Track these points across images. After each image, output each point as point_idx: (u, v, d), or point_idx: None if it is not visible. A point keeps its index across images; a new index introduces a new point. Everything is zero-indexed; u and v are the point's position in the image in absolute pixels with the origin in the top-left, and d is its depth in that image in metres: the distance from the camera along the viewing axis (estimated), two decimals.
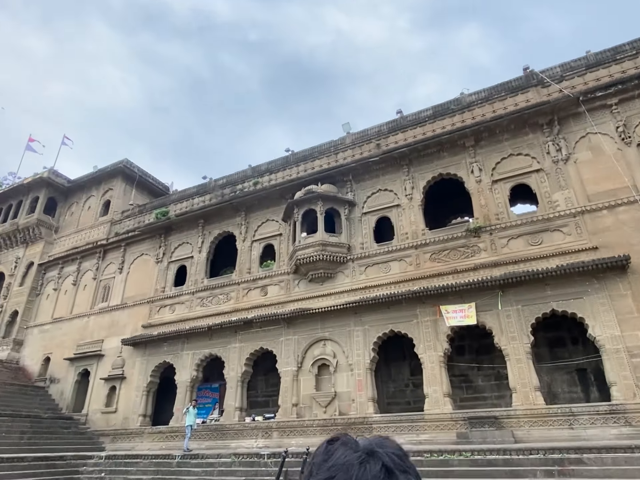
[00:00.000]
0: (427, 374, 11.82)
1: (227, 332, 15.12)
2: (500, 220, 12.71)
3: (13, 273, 22.40)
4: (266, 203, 17.03)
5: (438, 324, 12.07)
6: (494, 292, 11.58)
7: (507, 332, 11.25)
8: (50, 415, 16.16)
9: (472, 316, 11.62)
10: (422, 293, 12.10)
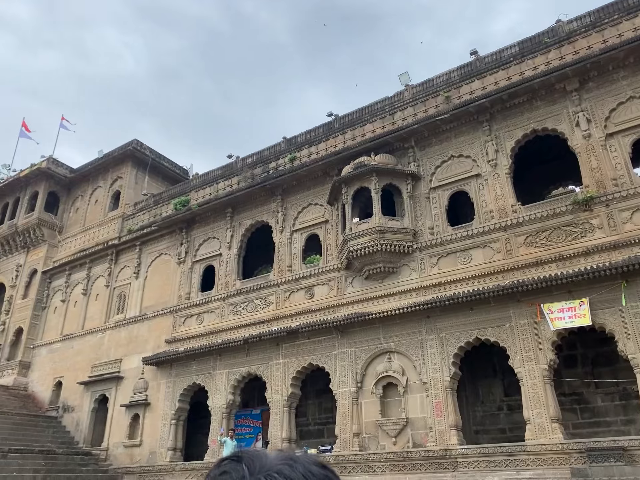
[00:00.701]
0: (527, 393, 11.39)
1: (267, 345, 15.34)
2: (620, 187, 11.94)
3: (14, 283, 23.91)
4: (307, 183, 17.03)
5: (539, 328, 11.58)
6: (615, 283, 10.94)
7: (635, 336, 10.59)
8: (66, 451, 17.16)
9: (585, 316, 11.05)
10: (517, 288, 11.64)
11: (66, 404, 19.87)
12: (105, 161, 23.95)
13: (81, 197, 24.80)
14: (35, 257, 24.02)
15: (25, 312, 22.90)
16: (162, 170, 24.43)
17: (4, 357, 22.56)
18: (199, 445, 18.10)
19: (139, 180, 23.48)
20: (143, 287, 20.02)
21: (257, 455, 0.78)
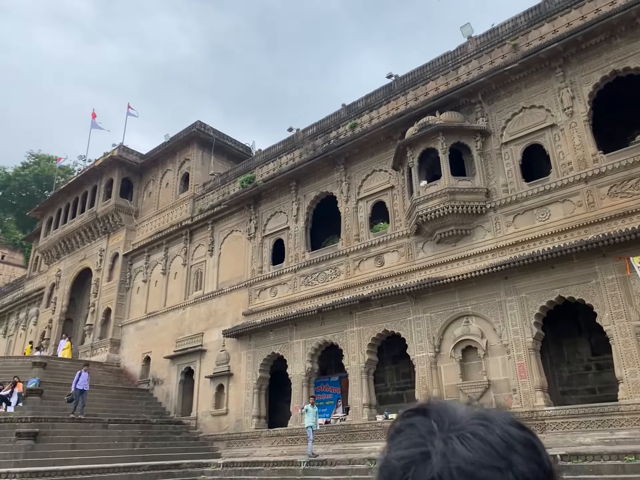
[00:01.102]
0: (618, 351, 10.79)
1: (340, 313, 15.42)
2: None
3: (99, 267, 25.36)
4: (369, 150, 16.70)
5: (629, 283, 10.87)
6: None
7: None
8: (159, 420, 18.23)
9: None
10: (602, 243, 10.93)
11: (155, 377, 21.05)
12: (171, 145, 24.60)
13: (152, 181, 25.70)
14: (116, 242, 25.30)
15: (111, 293, 24.28)
16: (226, 149, 24.80)
17: (96, 336, 24.14)
18: (281, 412, 18.68)
19: (205, 160, 23.98)
20: (218, 264, 20.62)
21: (446, 409, 0.67)
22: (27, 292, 31.98)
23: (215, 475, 14.24)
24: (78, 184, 27.71)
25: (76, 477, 12.41)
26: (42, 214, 31.57)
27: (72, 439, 14.80)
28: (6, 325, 33.10)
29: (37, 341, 27.44)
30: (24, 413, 15.24)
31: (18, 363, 20.12)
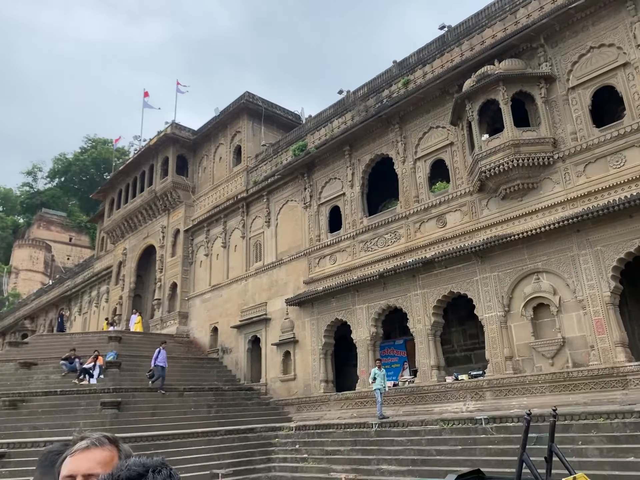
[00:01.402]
0: None
1: (403, 277, 15.22)
2: None
3: (163, 244, 26.16)
4: (425, 106, 16.10)
5: None
6: None
7: None
8: (231, 387, 18.87)
9: None
10: None
11: (224, 346, 21.73)
12: (222, 118, 24.70)
13: (206, 156, 26.01)
14: (176, 218, 25.95)
15: (176, 268, 25.06)
16: (275, 118, 24.66)
17: (164, 309, 25.11)
18: (347, 376, 18.89)
19: (256, 131, 23.95)
20: (275, 235, 20.77)
21: None
22: (96, 272, 33.57)
23: (289, 438, 14.64)
24: (135, 164, 28.46)
25: (159, 442, 13.09)
26: (104, 196, 32.80)
27: (152, 407, 15.57)
28: (80, 304, 35.00)
29: (110, 317, 28.87)
30: (106, 384, 16.14)
31: (95, 338, 21.22)
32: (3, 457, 11.72)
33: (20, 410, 14.67)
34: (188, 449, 13.22)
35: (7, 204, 73.74)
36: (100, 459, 1.48)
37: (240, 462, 13.21)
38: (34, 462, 7.47)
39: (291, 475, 12.70)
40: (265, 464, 13.52)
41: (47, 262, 61.15)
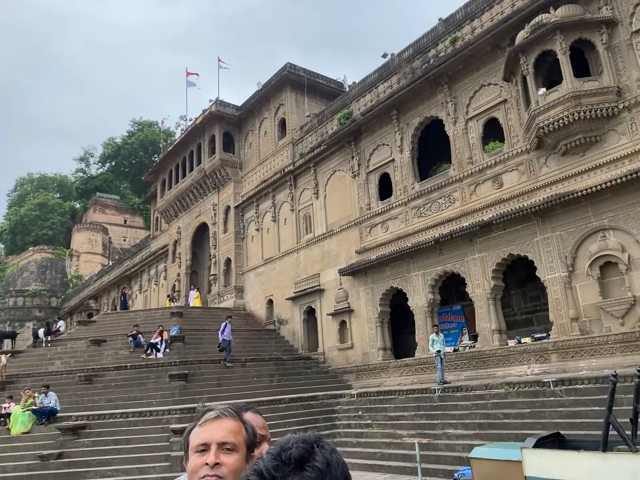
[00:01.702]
0: None
1: (459, 242, 14.90)
2: None
3: (215, 221, 26.63)
4: (475, 64, 15.43)
5: None
6: None
7: None
8: (290, 357, 19.25)
9: None
10: None
11: (280, 318, 22.11)
12: (265, 92, 24.57)
13: (251, 132, 26.06)
14: (226, 195, 26.29)
15: (229, 244, 25.52)
16: (318, 88, 24.31)
17: (220, 284, 25.72)
18: (404, 343, 18.88)
19: (299, 103, 23.73)
20: (324, 206, 20.72)
21: None
22: (153, 251, 34.67)
23: (351, 405, 14.83)
24: (183, 144, 28.89)
25: None
26: (155, 177, 33.59)
27: (216, 378, 16.09)
28: (140, 282, 36.36)
29: (170, 293, 29.88)
30: (172, 358, 16.77)
31: (158, 314, 22.03)
32: (85, 429, 12.43)
33: (95, 385, 15.49)
34: None
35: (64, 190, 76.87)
36: (231, 428, 1.48)
37: (306, 428, 13.44)
38: (113, 433, 7.91)
39: (356, 440, 12.90)
40: (329, 430, 13.77)
41: (105, 244, 63.61)
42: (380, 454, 11.60)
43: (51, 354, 18.67)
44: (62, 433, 12.17)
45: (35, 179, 77.74)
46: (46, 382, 14.29)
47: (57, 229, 65.69)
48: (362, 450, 12.28)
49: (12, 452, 12.10)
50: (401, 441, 10.46)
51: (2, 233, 69.33)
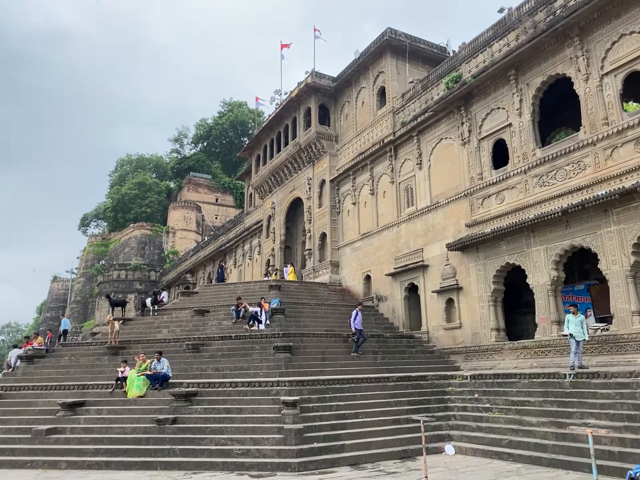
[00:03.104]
0: None
1: (591, 213, 13.26)
2: None
3: (310, 195, 26.22)
4: (614, 10, 13.51)
5: None
6: None
7: None
8: (392, 334, 18.49)
9: None
10: None
11: (379, 294, 21.37)
12: (363, 60, 23.54)
13: (347, 103, 25.20)
14: (321, 169, 25.74)
15: (324, 218, 25.03)
16: (420, 53, 22.91)
17: (315, 259, 25.37)
18: (517, 324, 17.53)
19: (400, 70, 22.49)
20: (429, 177, 19.53)
21: None
22: (247, 227, 35.10)
23: (464, 387, 13.82)
24: (278, 118, 28.63)
25: (335, 387, 13.04)
26: (250, 153, 33.79)
27: (320, 352, 15.67)
28: (235, 257, 37.07)
29: (265, 268, 30.10)
30: (274, 330, 16.56)
31: (257, 287, 22.09)
32: (196, 396, 12.43)
33: (202, 354, 15.60)
34: (364, 394, 13.02)
35: (160, 170, 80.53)
36: None
37: (418, 409, 12.68)
38: (224, 401, 7.49)
39: (475, 424, 11.91)
40: (443, 412, 12.87)
41: (199, 221, 65.99)
42: (508, 441, 10.56)
43: (158, 323, 19.20)
44: (176, 399, 12.23)
45: (134, 159, 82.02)
46: (157, 349, 14.52)
47: (154, 207, 69.02)
48: (484, 435, 11.29)
49: (129, 414, 12.37)
50: (568, 431, 9.33)
51: (106, 211, 73.96)
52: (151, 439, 11.24)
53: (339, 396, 12.70)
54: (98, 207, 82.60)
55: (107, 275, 57.36)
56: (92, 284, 65.09)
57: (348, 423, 11.66)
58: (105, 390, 13.57)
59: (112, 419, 12.31)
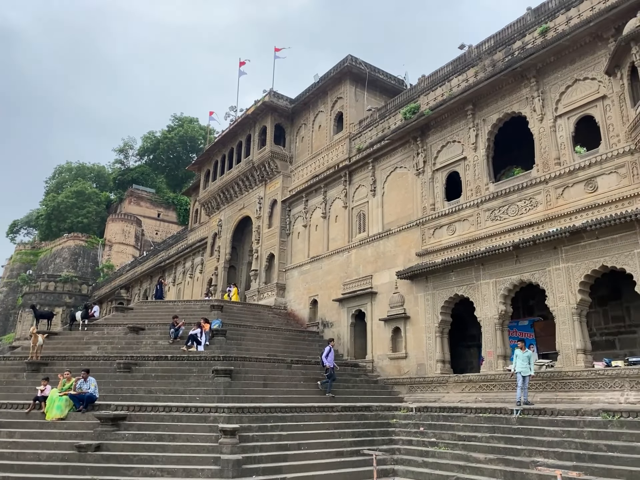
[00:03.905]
0: None
1: (541, 249, 13.44)
2: None
3: (260, 215, 25.60)
4: (569, 56, 14.05)
5: None
6: None
7: None
8: (337, 362, 17.88)
9: None
10: None
11: (324, 320, 20.85)
12: (322, 84, 23.51)
13: (304, 125, 25.01)
14: (273, 189, 25.26)
15: (273, 239, 24.44)
16: (378, 83, 23.15)
17: (261, 281, 24.61)
18: (461, 357, 17.48)
19: (359, 97, 22.59)
20: (382, 204, 19.46)
21: None
22: (190, 243, 33.87)
23: (409, 419, 13.44)
24: (232, 134, 28.03)
25: (277, 415, 12.29)
26: (199, 168, 32.84)
27: (262, 377, 14.88)
28: (174, 275, 35.59)
29: (205, 287, 28.95)
30: (214, 352, 15.64)
31: (197, 306, 21.02)
32: (125, 420, 11.35)
33: (135, 374, 14.45)
34: (307, 424, 12.35)
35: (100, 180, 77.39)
36: None
37: (363, 441, 12.17)
38: (156, 427, 6.60)
39: (421, 459, 11.49)
40: (387, 445, 12.41)
41: (138, 236, 63.48)
42: (455, 479, 10.20)
43: (87, 338, 17.76)
44: (101, 423, 11.10)
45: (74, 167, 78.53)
46: (85, 366, 13.29)
47: (92, 217, 65.91)
48: (431, 471, 10.88)
49: (46, 438, 11.09)
50: (535, 471, 8.99)
51: (39, 218, 69.93)
52: (69, 468, 10.05)
53: (281, 425, 11.97)
54: (30, 214, 78.17)
55: (34, 285, 53.78)
56: (17, 295, 60.82)
57: (290, 455, 10.97)
58: (20, 411, 12.18)
59: (25, 444, 10.97)
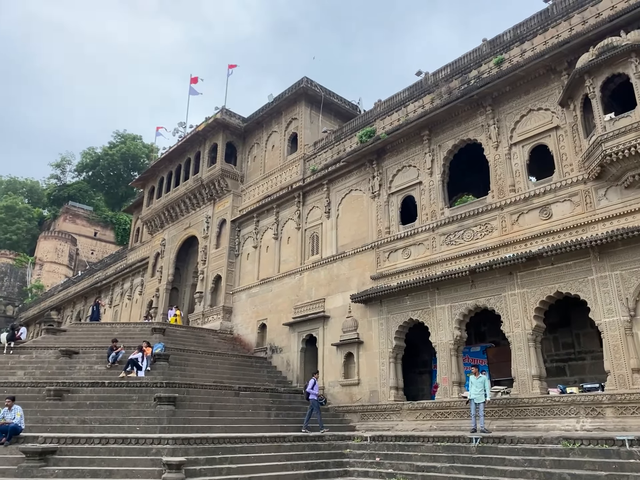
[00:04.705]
0: None
1: (497, 274, 13.49)
2: None
3: (207, 235, 24.67)
4: (524, 87, 14.45)
5: None
6: None
7: None
8: (286, 389, 17.16)
9: None
10: None
11: (273, 345, 20.07)
12: (277, 105, 23.25)
13: (257, 144, 24.56)
14: (222, 208, 24.47)
15: (221, 260, 23.53)
16: (333, 107, 23.16)
17: (206, 303, 23.54)
18: (413, 384, 17.18)
19: (314, 119, 22.47)
20: (336, 226, 19.16)
21: None
22: (130, 263, 32.22)
23: (364, 449, 12.89)
24: (180, 150, 27.10)
25: (227, 446, 11.37)
26: (143, 184, 31.52)
27: (208, 405, 13.92)
28: (111, 296, 33.65)
29: (145, 310, 27.44)
30: (156, 378, 14.60)
31: (137, 329, 19.72)
32: (54, 454, 10.13)
33: (67, 402, 13.12)
34: (259, 455, 11.49)
35: (34, 196, 73.35)
36: None
37: (317, 474, 11.47)
38: (90, 462, 5.67)
39: None
40: (342, 477, 11.77)
41: (72, 255, 60.18)
42: None
43: (13, 362, 16.14)
44: (27, 457, 9.82)
45: (4, 181, 74.22)
46: (9, 393, 11.89)
47: (22, 234, 62.09)
48: None
49: None
50: None
51: None
52: None
53: (231, 457, 11.07)
54: None
55: None
56: None
57: None
58: None
59: None
